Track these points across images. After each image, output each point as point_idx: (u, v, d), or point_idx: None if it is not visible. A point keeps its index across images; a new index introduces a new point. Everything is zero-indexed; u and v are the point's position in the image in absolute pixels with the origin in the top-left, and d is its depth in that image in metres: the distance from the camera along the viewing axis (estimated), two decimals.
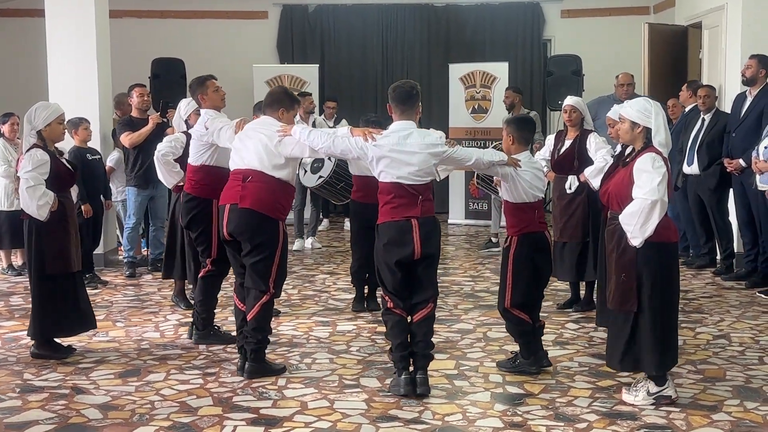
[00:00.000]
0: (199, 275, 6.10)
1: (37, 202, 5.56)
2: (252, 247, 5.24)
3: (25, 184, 5.57)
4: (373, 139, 4.91)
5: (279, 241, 5.27)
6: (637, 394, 4.72)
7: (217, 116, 5.88)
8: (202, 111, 6.01)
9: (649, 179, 4.50)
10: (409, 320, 4.96)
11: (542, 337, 5.46)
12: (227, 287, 7.54)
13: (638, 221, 4.51)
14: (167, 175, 6.86)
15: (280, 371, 5.34)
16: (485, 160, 5.15)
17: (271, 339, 5.71)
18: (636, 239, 4.56)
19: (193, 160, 6.07)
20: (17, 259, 8.89)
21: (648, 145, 4.64)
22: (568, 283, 7.08)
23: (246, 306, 5.31)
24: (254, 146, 5.27)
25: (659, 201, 4.47)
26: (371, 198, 6.43)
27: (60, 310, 5.70)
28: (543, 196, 5.42)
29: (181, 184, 6.75)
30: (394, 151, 4.87)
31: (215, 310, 6.20)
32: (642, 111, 4.67)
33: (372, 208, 6.36)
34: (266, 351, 5.43)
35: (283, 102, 5.44)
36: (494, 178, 5.93)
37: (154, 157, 6.92)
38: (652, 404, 4.66)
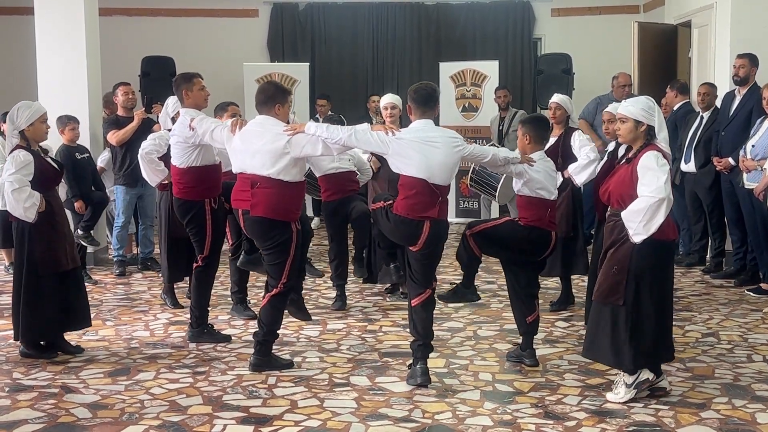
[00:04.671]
0: (193, 271, 6.12)
1: (24, 205, 5.50)
2: (267, 251, 5.36)
3: (10, 187, 5.49)
4: (393, 134, 5.02)
5: (292, 241, 5.31)
6: (618, 391, 4.76)
7: (203, 117, 5.79)
8: (182, 110, 5.90)
9: (654, 177, 4.53)
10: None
11: (533, 337, 5.49)
12: (218, 286, 7.56)
13: (643, 219, 4.52)
14: (151, 174, 6.84)
15: (287, 366, 5.40)
16: (501, 156, 5.29)
17: None
18: (639, 236, 4.57)
19: (177, 162, 5.94)
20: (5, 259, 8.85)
21: (648, 143, 4.66)
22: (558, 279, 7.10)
23: None
24: (257, 151, 5.23)
25: (666, 199, 4.51)
26: (340, 194, 6.59)
27: (48, 311, 5.65)
28: (554, 197, 5.44)
29: (166, 182, 6.72)
30: (417, 141, 4.97)
31: (208, 309, 6.19)
32: (646, 109, 4.70)
33: (342, 203, 6.56)
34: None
35: (276, 97, 5.38)
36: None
37: (138, 156, 6.90)
38: (635, 392, 4.68)
